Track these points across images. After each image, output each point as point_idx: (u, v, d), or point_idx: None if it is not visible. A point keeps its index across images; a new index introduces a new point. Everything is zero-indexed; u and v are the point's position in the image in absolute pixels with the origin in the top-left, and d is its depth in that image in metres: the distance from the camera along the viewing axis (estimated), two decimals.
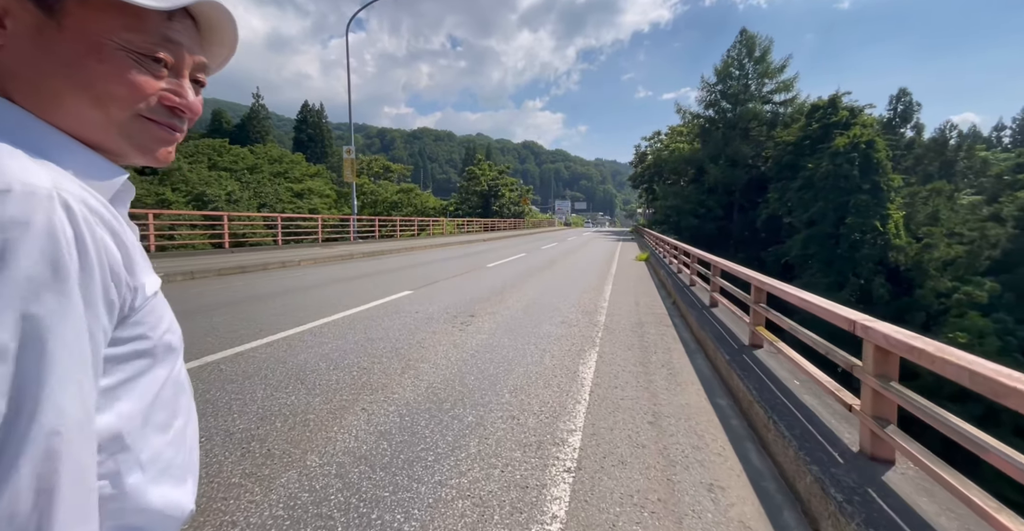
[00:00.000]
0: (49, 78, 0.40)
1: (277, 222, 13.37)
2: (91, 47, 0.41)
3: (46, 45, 0.39)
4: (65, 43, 0.40)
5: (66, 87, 0.40)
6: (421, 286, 7.67)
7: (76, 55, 0.40)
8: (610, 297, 7.29)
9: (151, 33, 0.43)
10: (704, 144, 34.82)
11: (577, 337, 4.73)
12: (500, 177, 48.27)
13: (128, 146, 0.45)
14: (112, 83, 0.42)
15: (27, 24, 0.39)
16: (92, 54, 0.41)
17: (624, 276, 10.20)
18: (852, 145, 21.41)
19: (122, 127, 0.44)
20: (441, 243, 19.10)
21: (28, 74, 0.40)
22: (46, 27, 0.39)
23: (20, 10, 0.39)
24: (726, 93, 32.69)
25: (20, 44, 0.39)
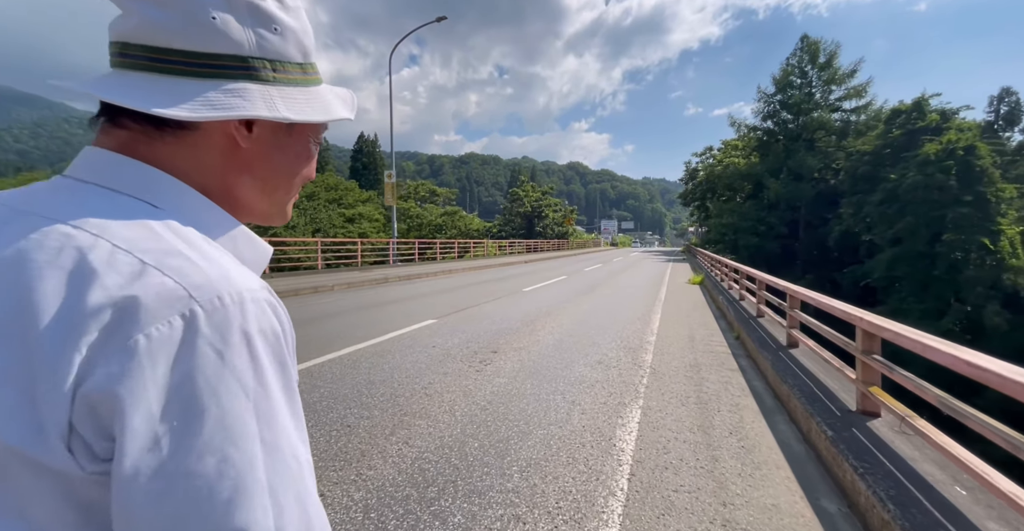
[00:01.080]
0: (275, 172, 0.47)
1: (317, 247, 13.60)
2: (305, 145, 0.49)
3: (279, 146, 0.47)
4: (292, 144, 0.48)
5: (283, 177, 0.48)
6: (447, 313, 7.11)
7: (297, 153, 0.48)
8: (659, 329, 6.29)
9: (325, 127, 0.51)
10: (763, 157, 32.45)
11: (616, 384, 3.85)
12: (544, 198, 48.00)
13: (281, 217, 0.51)
14: (311, 171, 0.51)
15: (270, 130, 0.45)
16: (305, 151, 0.49)
17: (675, 303, 9.06)
18: (946, 152, 18.67)
19: (292, 200, 0.52)
20: (481, 265, 18.74)
21: (261, 169, 0.46)
22: (282, 132, 0.46)
23: (269, 120, 0.44)
24: (786, 103, 30.45)
25: (261, 146, 0.45)
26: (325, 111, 0.47)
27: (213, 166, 0.43)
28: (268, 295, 0.37)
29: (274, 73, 0.44)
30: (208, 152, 0.43)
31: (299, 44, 0.46)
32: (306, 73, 0.47)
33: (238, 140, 0.43)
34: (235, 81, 0.41)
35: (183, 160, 0.42)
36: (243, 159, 0.44)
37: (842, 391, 3.07)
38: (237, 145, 0.43)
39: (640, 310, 7.95)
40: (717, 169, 37.85)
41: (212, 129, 0.42)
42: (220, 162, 0.43)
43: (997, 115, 25.82)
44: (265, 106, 0.42)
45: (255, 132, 0.44)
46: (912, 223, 19.37)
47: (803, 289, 4.15)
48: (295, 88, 0.45)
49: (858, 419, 2.60)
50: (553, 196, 52.70)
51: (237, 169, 0.44)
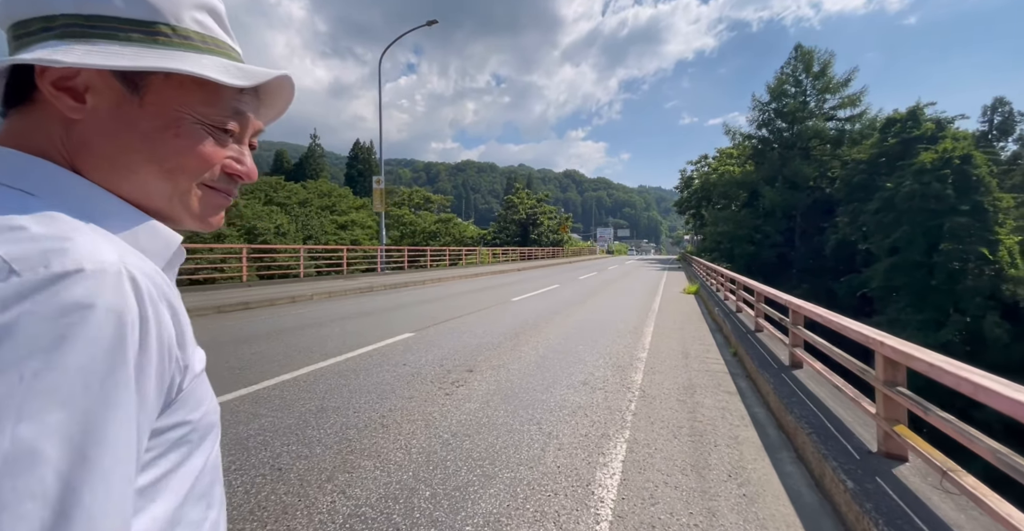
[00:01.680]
0: (126, 152, 0.40)
1: (300, 254, 13.13)
2: (170, 122, 0.41)
3: (126, 120, 0.40)
4: (145, 118, 0.40)
5: (140, 160, 0.41)
6: (427, 326, 6.67)
7: (155, 130, 0.41)
8: (651, 344, 5.87)
9: (224, 106, 0.44)
10: (758, 166, 32.40)
11: (601, 410, 3.43)
12: (538, 205, 47.74)
13: (186, 214, 0.45)
14: (186, 156, 0.42)
15: (109, 100, 0.39)
16: (171, 128, 0.41)
17: (669, 314, 8.66)
18: (943, 161, 18.54)
19: (184, 196, 0.44)
20: (472, 273, 18.32)
21: (104, 147, 0.40)
22: (127, 103, 0.40)
23: (104, 87, 0.39)
24: (781, 111, 30.48)
25: (99, 119, 0.39)
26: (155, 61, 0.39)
27: (59, 144, 0.39)
28: (125, 270, 0.32)
29: (89, 26, 0.38)
30: (52, 127, 0.39)
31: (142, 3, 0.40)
32: (152, 33, 0.40)
33: (66, 111, 0.38)
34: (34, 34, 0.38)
35: (38, 140, 0.38)
36: (82, 134, 0.39)
37: (858, 425, 2.66)
38: (70, 119, 0.39)
39: (632, 322, 7.54)
40: (712, 177, 37.80)
41: (44, 100, 0.38)
42: (64, 138, 0.39)
43: (991, 125, 25.92)
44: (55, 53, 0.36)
45: (89, 102, 0.39)
46: (909, 232, 19.17)
47: (807, 304, 3.76)
48: (125, 46, 0.39)
49: (882, 464, 2.18)
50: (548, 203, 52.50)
51: (80, 146, 0.39)
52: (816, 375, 3.58)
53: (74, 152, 0.39)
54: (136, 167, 0.41)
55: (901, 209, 19.54)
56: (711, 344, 6.01)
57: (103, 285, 0.30)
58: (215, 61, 0.43)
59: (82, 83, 0.38)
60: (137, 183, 0.41)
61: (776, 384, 3.51)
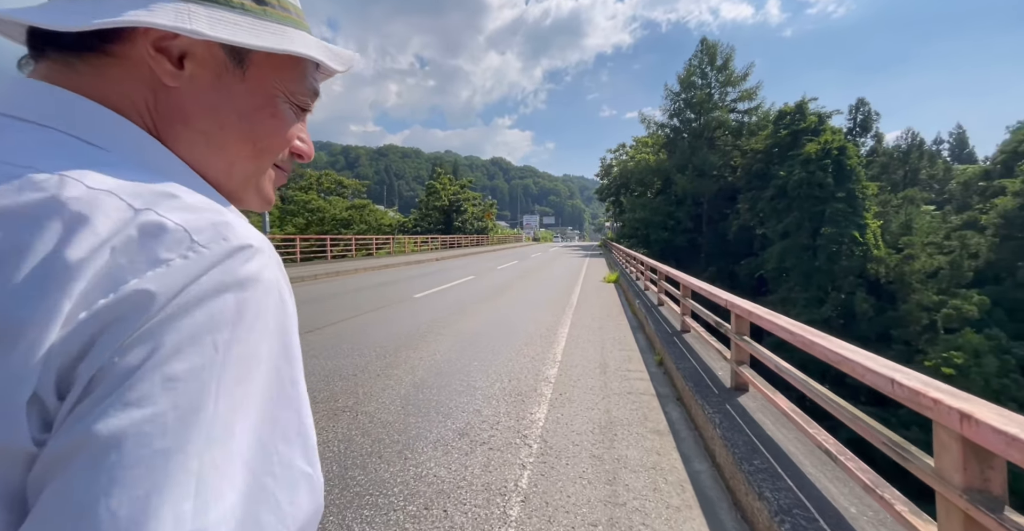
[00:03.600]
0: (223, 128, 0.37)
1: None
2: (267, 100, 0.39)
3: (227, 94, 0.36)
4: (245, 95, 0.37)
5: (235, 138, 0.37)
6: None
7: (254, 107, 0.38)
8: (564, 353, 4.76)
9: (308, 85, 0.42)
10: (670, 154, 33.81)
11: (477, 491, 2.12)
12: (462, 191, 45.78)
13: (256, 195, 0.42)
14: (278, 137, 0.40)
15: (210, 70, 0.36)
16: (268, 107, 0.39)
17: (588, 309, 7.75)
18: (824, 151, 20.36)
19: (261, 177, 0.41)
20: (380, 265, 16.25)
21: (201, 121, 0.36)
22: (229, 76, 0.36)
23: (206, 54, 0.35)
24: (690, 102, 31.90)
25: (198, 89, 0.35)
26: (276, 39, 0.36)
27: (145, 109, 0.34)
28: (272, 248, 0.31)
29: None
30: (136, 89, 0.34)
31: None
32: (263, 3, 0.37)
33: (162, 76, 0.34)
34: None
35: (113, 98, 0.33)
36: (176, 103, 0.35)
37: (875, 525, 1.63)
38: (164, 84, 0.34)
39: (546, 322, 6.43)
40: (630, 165, 38.91)
41: (132, 60, 0.33)
42: (151, 103, 0.35)
43: (855, 122, 29.49)
44: (173, 17, 0.32)
45: (188, 69, 0.34)
46: (798, 217, 20.91)
47: (753, 305, 2.80)
48: (241, 15, 0.35)
49: None
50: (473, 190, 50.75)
51: (170, 116, 0.35)
52: (768, 407, 2.63)
53: (163, 121, 0.35)
54: (228, 144, 0.37)
55: (792, 196, 21.23)
56: (633, 349, 5.07)
57: (269, 261, 0.30)
58: (312, 40, 0.39)
59: (181, 47, 0.34)
60: (224, 161, 0.37)
61: (722, 422, 2.48)
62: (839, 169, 20.29)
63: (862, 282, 20.27)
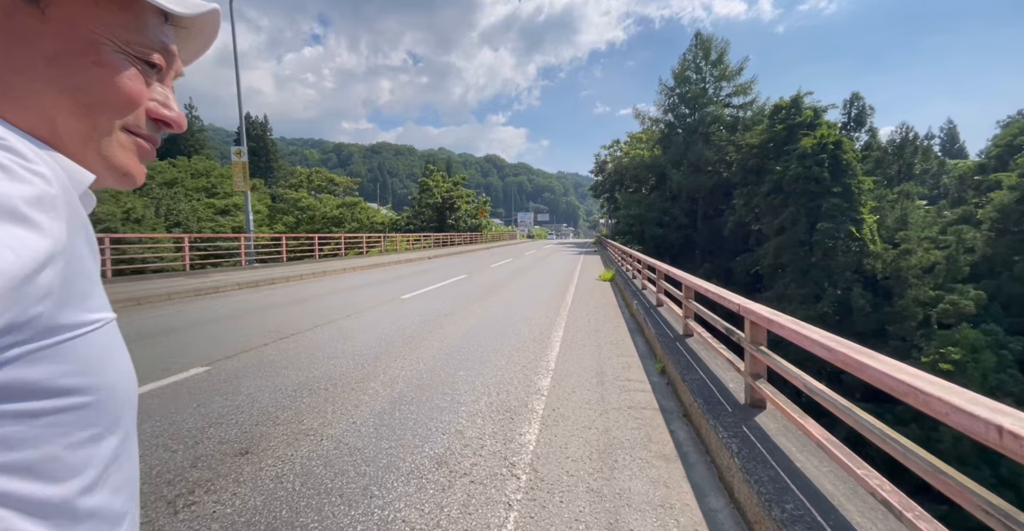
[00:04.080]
0: (24, 76, 0.32)
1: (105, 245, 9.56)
2: (87, 45, 0.34)
3: (22, 35, 0.32)
4: (51, 36, 0.32)
5: (46, 89, 0.33)
6: (245, 349, 4.49)
7: (67, 53, 0.33)
8: (558, 359, 4.41)
9: (151, 35, 0.37)
10: (665, 150, 33.53)
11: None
12: (455, 188, 45.23)
13: (103, 163, 0.37)
14: (109, 89, 0.35)
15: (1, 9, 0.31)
16: (89, 53, 0.34)
17: (584, 310, 7.41)
18: (820, 146, 20.15)
19: (104, 140, 0.36)
20: (371, 264, 15.81)
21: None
22: (21, 13, 0.32)
23: None
24: (684, 97, 31.58)
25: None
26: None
27: None
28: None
29: None
30: None
31: None
32: None
33: None
34: None
35: None
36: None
37: None
38: None
39: (539, 324, 6.08)
40: (624, 161, 38.62)
41: None
42: None
43: (849, 117, 29.32)
44: None
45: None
46: (794, 213, 20.70)
47: (772, 312, 2.45)
48: None
49: None
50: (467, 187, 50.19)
51: None
52: (791, 429, 2.28)
53: None
54: (39, 97, 0.32)
55: (788, 191, 21.00)
56: (632, 354, 4.72)
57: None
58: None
59: None
60: (42, 117, 0.32)
61: (740, 450, 2.14)
62: (835, 164, 20.10)
63: (859, 278, 20.14)
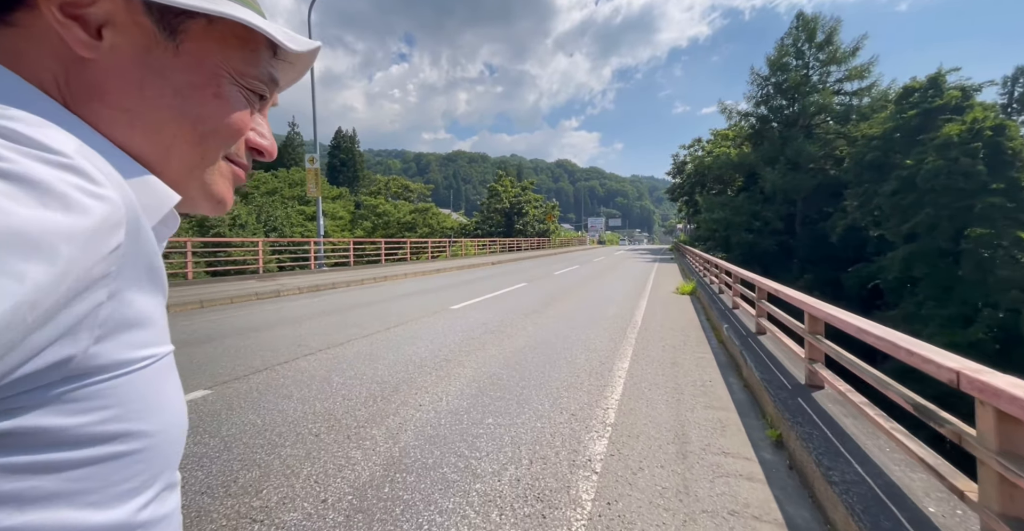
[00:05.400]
0: (153, 106, 0.33)
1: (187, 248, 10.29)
2: (210, 77, 0.35)
3: (157, 68, 0.33)
4: (182, 70, 0.34)
5: (170, 118, 0.34)
6: (258, 370, 4.01)
7: (192, 85, 0.34)
8: (620, 408, 3.28)
9: (263, 69, 0.39)
10: (756, 146, 29.85)
11: None
12: (523, 193, 44.85)
13: (202, 192, 0.38)
14: (225, 120, 0.36)
15: (135, 40, 0.32)
16: (211, 85, 0.35)
17: (657, 330, 6.09)
18: (972, 133, 16.09)
19: (209, 169, 0.37)
20: (433, 269, 15.65)
21: (124, 97, 0.32)
22: (159, 48, 0.33)
23: (130, 23, 0.32)
24: (781, 87, 27.82)
25: (120, 61, 0.32)
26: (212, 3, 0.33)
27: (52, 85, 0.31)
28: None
29: None
30: (41, 64, 0.30)
31: None
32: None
33: (75, 46, 0.30)
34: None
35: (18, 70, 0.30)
36: (92, 78, 0.31)
37: None
38: (78, 56, 0.31)
39: (600, 349, 4.94)
40: (707, 160, 35.18)
41: (35, 28, 0.30)
42: (62, 79, 0.31)
43: (1011, 97, 23.50)
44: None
45: (107, 39, 0.31)
46: (932, 215, 16.77)
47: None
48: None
49: None
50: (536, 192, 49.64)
51: (85, 93, 0.31)
52: None
53: (77, 98, 0.31)
54: (162, 126, 0.33)
55: (923, 189, 17.11)
56: (726, 406, 3.42)
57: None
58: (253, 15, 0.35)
59: (100, 14, 0.31)
60: (159, 145, 0.34)
61: None
62: (995, 154, 15.88)
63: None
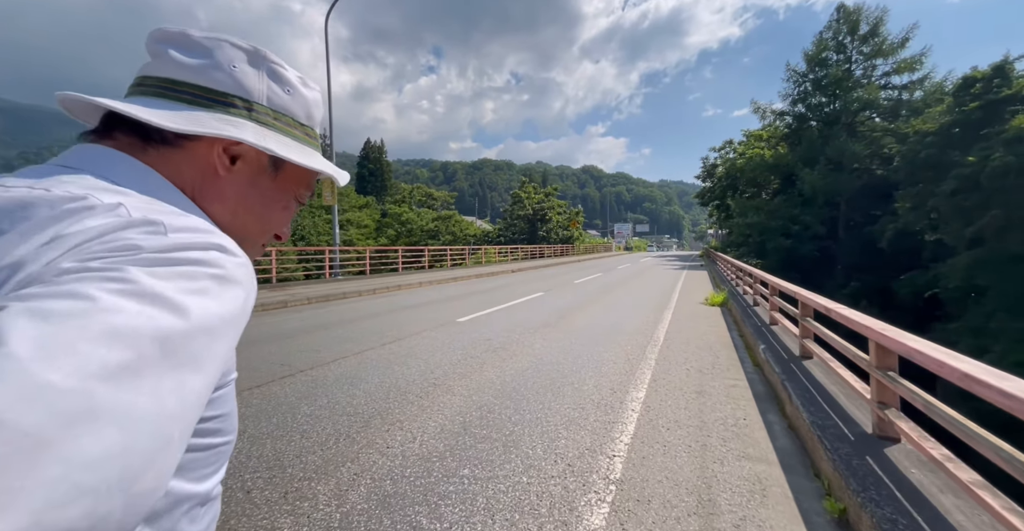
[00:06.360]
0: (245, 208, 0.50)
1: None
2: (284, 196, 0.53)
3: (259, 187, 0.50)
4: (272, 191, 0.51)
5: (251, 217, 0.51)
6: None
7: (273, 199, 0.52)
8: (629, 456, 2.64)
9: (312, 188, 0.57)
10: (793, 146, 28.11)
11: None
12: (547, 199, 44.21)
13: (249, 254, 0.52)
14: (278, 222, 0.54)
15: (252, 169, 0.49)
16: (282, 201, 0.53)
17: (681, 352, 5.34)
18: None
19: (253, 247, 0.53)
20: (449, 277, 15.28)
21: (232, 201, 0.48)
22: (265, 176, 0.50)
23: (255, 159, 0.49)
24: (820, 83, 26.12)
25: (238, 180, 0.48)
26: (308, 159, 0.52)
27: (191, 186, 0.46)
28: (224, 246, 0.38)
29: (275, 121, 0.50)
30: (189, 172, 0.45)
31: (306, 109, 0.54)
32: (306, 133, 0.54)
33: (218, 168, 0.46)
34: (235, 117, 0.47)
35: (167, 176, 0.44)
36: (220, 187, 0.47)
37: None
38: (216, 173, 0.47)
39: (613, 374, 4.27)
40: (739, 162, 33.49)
41: (196, 152, 0.45)
42: (199, 184, 0.46)
43: None
44: (253, 136, 0.47)
45: (238, 166, 0.48)
46: (1002, 217, 14.98)
47: None
48: (291, 139, 0.51)
49: None
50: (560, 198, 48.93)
51: (212, 195, 0.47)
52: None
53: (203, 198, 0.46)
54: (244, 220, 0.50)
55: (989, 189, 15.35)
56: (766, 458, 2.70)
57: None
58: (323, 159, 0.55)
59: (240, 152, 0.48)
60: (239, 231, 0.48)
61: None
62: None
63: None
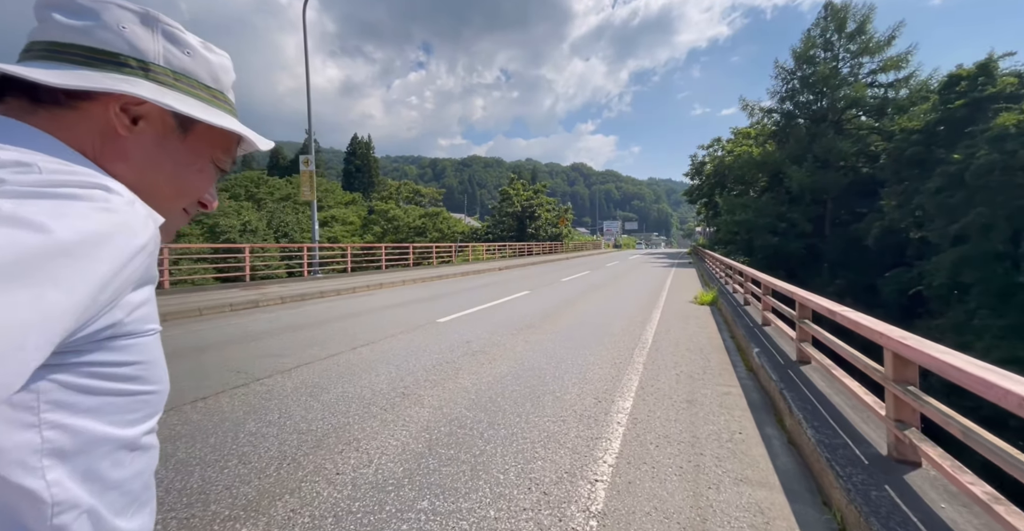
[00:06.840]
0: (155, 170, 0.48)
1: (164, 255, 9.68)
2: (197, 158, 0.52)
3: (167, 148, 0.49)
4: (181, 151, 0.50)
5: (162, 180, 0.50)
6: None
7: (185, 163, 0.51)
8: (612, 484, 2.30)
9: (232, 154, 0.56)
10: (781, 144, 28.24)
11: None
12: (536, 197, 43.86)
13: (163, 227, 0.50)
14: (194, 187, 0.53)
15: (157, 129, 0.48)
16: (196, 163, 0.52)
17: (670, 355, 5.04)
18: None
19: (170, 214, 0.52)
20: (434, 275, 14.85)
21: (139, 163, 0.47)
22: (172, 136, 0.49)
23: (158, 119, 0.48)
24: (808, 81, 26.21)
25: (142, 140, 0.47)
26: (216, 118, 0.50)
27: (92, 148, 0.44)
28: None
29: (175, 81, 0.48)
30: (87, 135, 0.44)
31: (211, 72, 0.52)
32: (213, 95, 0.52)
33: (118, 127, 0.45)
34: (129, 76, 0.45)
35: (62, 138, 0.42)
36: (122, 147, 0.46)
37: None
38: (117, 133, 0.45)
39: (597, 381, 3.94)
40: (727, 160, 33.59)
41: (92, 112, 0.44)
42: (99, 146, 0.45)
43: None
44: (149, 92, 0.45)
45: (140, 126, 0.46)
46: (986, 215, 15.10)
47: None
48: (195, 99, 0.50)
49: None
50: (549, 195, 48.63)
51: (114, 155, 0.45)
52: None
53: (105, 158, 0.45)
54: (157, 183, 0.49)
55: (974, 186, 15.46)
56: (766, 481, 2.39)
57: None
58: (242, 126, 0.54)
59: (140, 112, 0.46)
60: (146, 194, 0.46)
61: None
62: None
63: None
